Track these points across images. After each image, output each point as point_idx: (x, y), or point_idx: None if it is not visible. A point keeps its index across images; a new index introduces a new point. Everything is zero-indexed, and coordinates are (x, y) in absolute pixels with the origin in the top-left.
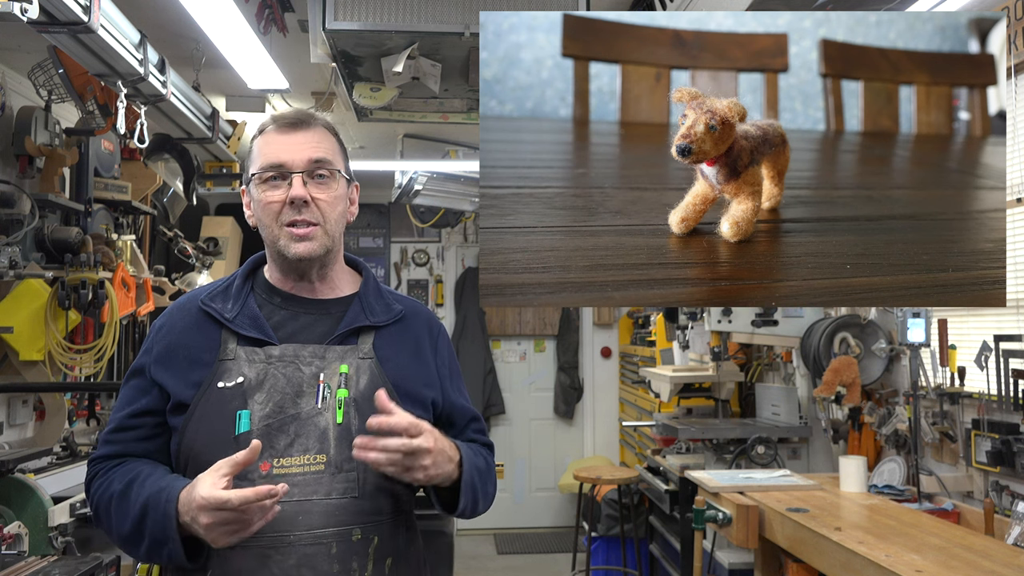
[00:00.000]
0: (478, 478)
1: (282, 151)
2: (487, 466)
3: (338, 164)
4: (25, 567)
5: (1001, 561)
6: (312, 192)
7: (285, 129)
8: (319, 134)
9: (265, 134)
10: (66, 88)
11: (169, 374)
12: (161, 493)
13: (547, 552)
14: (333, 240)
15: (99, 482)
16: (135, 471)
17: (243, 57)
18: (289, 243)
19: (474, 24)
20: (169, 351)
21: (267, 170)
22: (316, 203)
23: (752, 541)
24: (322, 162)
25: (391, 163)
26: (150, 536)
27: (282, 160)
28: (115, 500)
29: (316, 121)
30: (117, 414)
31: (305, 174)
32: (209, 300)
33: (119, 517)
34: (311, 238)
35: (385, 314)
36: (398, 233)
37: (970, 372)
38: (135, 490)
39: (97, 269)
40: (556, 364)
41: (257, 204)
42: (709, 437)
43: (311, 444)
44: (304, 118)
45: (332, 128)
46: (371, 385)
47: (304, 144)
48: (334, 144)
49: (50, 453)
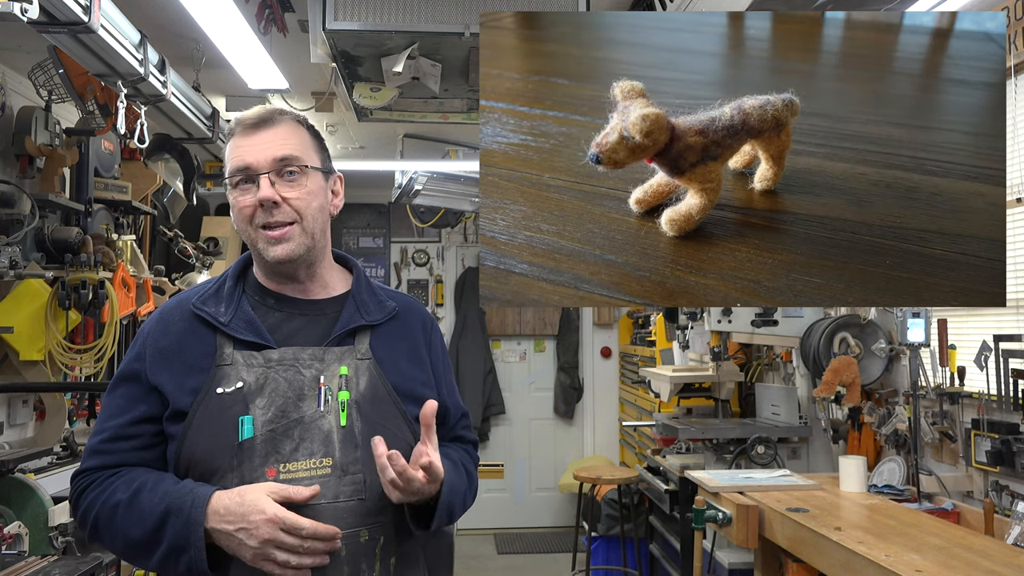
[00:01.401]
0: (457, 498)
1: (247, 153)
2: (468, 479)
3: (308, 159)
4: (25, 567)
5: (1001, 561)
6: (282, 191)
7: (248, 130)
8: (285, 130)
9: (232, 138)
10: (66, 88)
11: (167, 379)
12: (185, 498)
13: (547, 552)
14: (313, 238)
15: (94, 493)
16: (140, 479)
17: (243, 57)
18: (266, 247)
19: (474, 24)
20: (164, 356)
21: (235, 174)
22: (288, 202)
23: (752, 541)
24: (288, 159)
25: (391, 163)
26: (169, 543)
27: (247, 162)
28: (121, 508)
29: (281, 117)
30: (109, 423)
31: (272, 174)
32: (201, 303)
33: (127, 525)
34: (288, 239)
35: (380, 312)
36: (398, 233)
37: (970, 372)
38: (146, 496)
39: (97, 269)
40: (556, 364)
41: (232, 209)
42: (709, 437)
43: (316, 448)
44: (267, 116)
45: (303, 121)
46: (371, 386)
47: (268, 143)
48: (304, 138)
49: (50, 453)
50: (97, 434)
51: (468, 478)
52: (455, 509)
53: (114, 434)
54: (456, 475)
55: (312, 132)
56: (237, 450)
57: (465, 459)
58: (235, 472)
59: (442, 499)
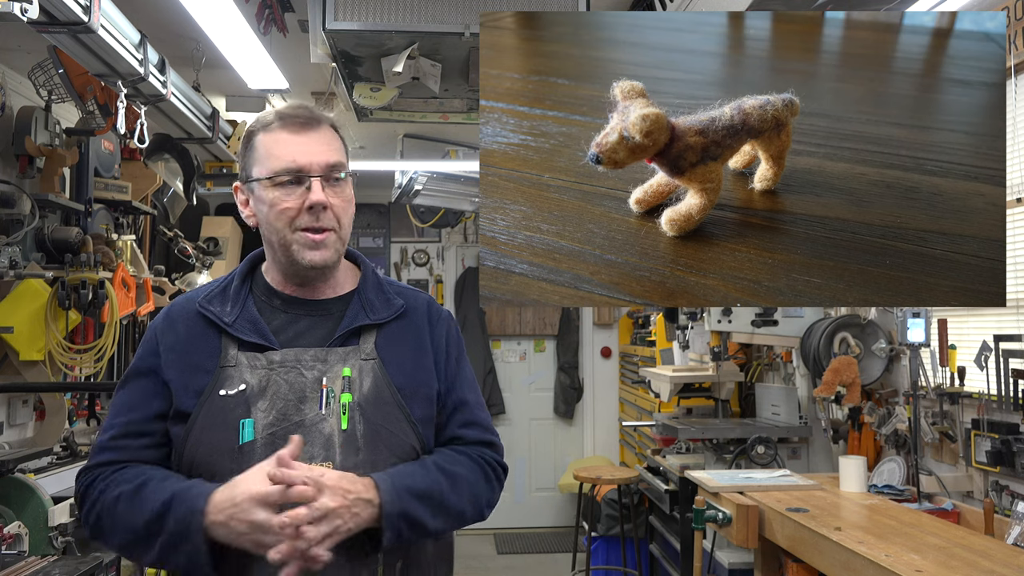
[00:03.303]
0: (421, 504)
1: (298, 154)
2: (450, 479)
3: (348, 165)
4: (25, 567)
5: (1001, 561)
6: (329, 197)
7: (297, 129)
8: (330, 134)
9: (271, 132)
10: (66, 88)
11: (175, 377)
12: (191, 489)
13: (547, 552)
14: (344, 244)
15: (100, 485)
16: (148, 473)
17: (243, 57)
18: (303, 250)
19: (474, 24)
20: (175, 353)
21: (282, 174)
22: (332, 208)
23: (752, 541)
24: (338, 166)
25: (391, 163)
26: (169, 534)
27: (299, 164)
28: (123, 498)
29: (325, 120)
30: (120, 419)
31: (322, 178)
32: (207, 303)
33: (129, 515)
34: (326, 245)
35: (386, 310)
36: (398, 233)
37: (970, 372)
38: (152, 487)
39: (97, 269)
40: (556, 364)
41: (268, 208)
42: (709, 437)
43: (316, 451)
44: (315, 117)
45: (337, 126)
46: (375, 388)
47: (320, 146)
48: (341, 144)
49: (50, 453)
50: (107, 430)
51: (448, 478)
52: (421, 518)
53: (126, 430)
54: (421, 476)
55: (343, 138)
56: (237, 453)
57: (450, 460)
58: (234, 475)
59: (387, 510)
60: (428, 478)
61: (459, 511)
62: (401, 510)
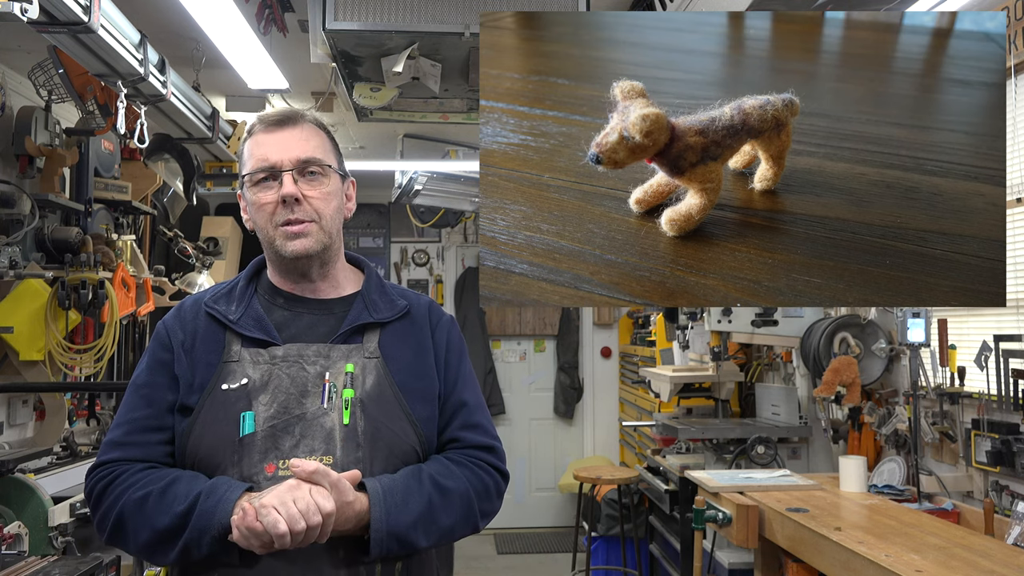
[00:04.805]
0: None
1: (270, 151)
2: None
3: (329, 160)
4: (25, 567)
5: (1001, 561)
6: (304, 190)
7: (272, 128)
8: (307, 131)
9: (253, 135)
10: (66, 88)
11: (184, 373)
12: (225, 483)
13: (547, 552)
14: (330, 237)
15: (122, 487)
16: (177, 472)
17: (243, 57)
18: (284, 242)
19: (474, 24)
20: (184, 350)
21: (257, 172)
22: (308, 201)
23: (752, 541)
24: (311, 160)
25: (391, 163)
26: (194, 527)
27: (271, 160)
28: (153, 496)
29: (303, 118)
30: (133, 414)
31: (295, 172)
32: (213, 302)
33: (157, 513)
34: (306, 235)
35: (389, 310)
36: (398, 233)
37: (970, 372)
38: (183, 484)
39: (97, 269)
40: (556, 364)
41: (251, 206)
42: (709, 437)
43: (317, 445)
44: (291, 116)
45: (321, 124)
46: (377, 385)
47: (292, 142)
48: (323, 140)
49: (50, 453)
50: (119, 427)
51: (442, 493)
52: (410, 535)
53: (140, 425)
54: (414, 489)
55: (329, 135)
56: (238, 445)
57: (446, 472)
58: (235, 467)
59: (374, 525)
60: (421, 497)
61: (450, 528)
62: (390, 531)
